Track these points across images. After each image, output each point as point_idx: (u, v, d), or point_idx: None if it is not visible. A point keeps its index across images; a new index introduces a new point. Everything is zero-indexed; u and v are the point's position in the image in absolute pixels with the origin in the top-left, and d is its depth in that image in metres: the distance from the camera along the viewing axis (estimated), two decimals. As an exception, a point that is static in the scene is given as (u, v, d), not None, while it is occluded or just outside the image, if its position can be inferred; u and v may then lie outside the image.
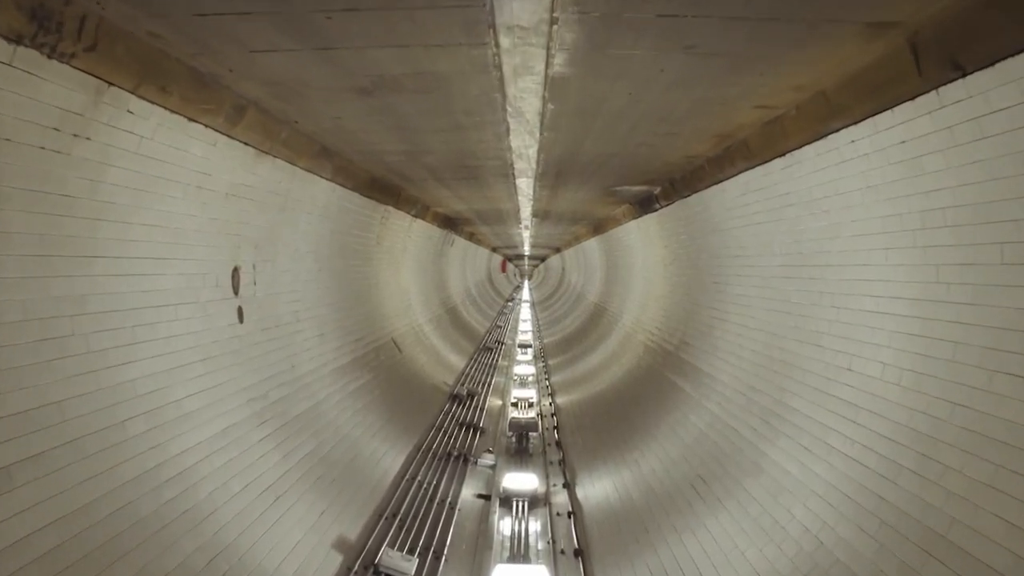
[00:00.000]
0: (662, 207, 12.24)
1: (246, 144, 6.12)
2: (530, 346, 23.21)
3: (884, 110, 4.59)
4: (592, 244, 24.11)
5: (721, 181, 8.55)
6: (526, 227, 23.86)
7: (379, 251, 12.77)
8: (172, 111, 4.84)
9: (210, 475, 5.18)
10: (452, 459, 9.75)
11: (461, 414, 12.45)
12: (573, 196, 13.77)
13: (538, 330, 29.17)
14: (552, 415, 13.32)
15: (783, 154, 6.58)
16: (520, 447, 10.93)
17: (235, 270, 6.53)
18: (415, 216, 14.95)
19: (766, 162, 7.01)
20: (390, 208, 12.51)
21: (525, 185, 12.00)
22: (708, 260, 10.04)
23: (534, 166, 9.83)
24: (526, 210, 17.07)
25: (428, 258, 19.00)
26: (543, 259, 54.72)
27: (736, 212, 8.44)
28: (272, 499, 5.81)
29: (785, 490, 5.58)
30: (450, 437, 10.87)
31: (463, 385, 14.41)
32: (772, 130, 6.57)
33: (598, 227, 20.95)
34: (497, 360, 19.38)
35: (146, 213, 4.90)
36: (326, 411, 7.98)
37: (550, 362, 19.91)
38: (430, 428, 11.05)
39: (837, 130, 5.38)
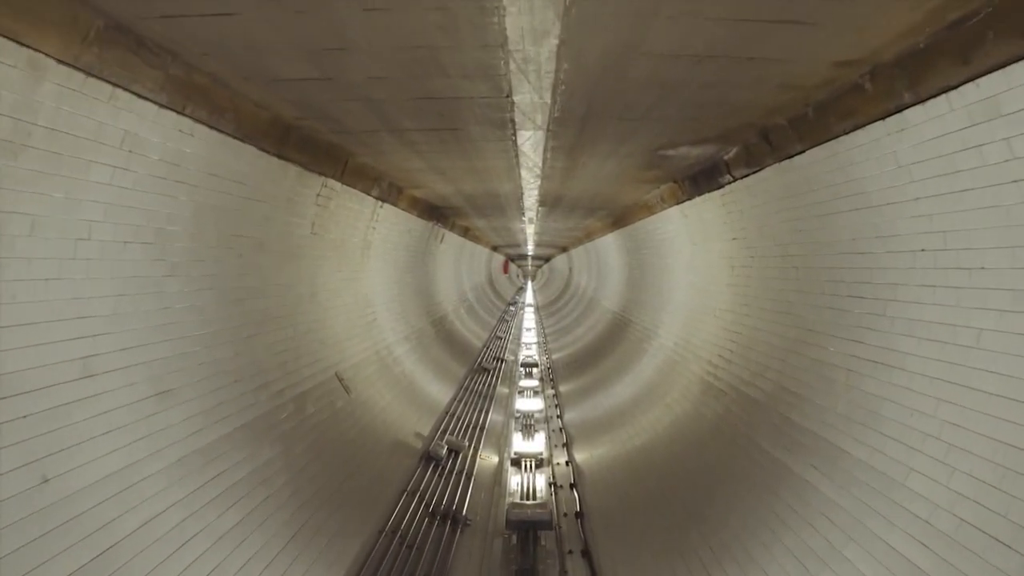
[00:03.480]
0: (735, 179, 8.22)
1: None
2: (535, 365, 19.16)
3: None
4: (608, 241, 20.12)
5: (899, 110, 4.54)
6: (530, 220, 19.87)
7: (318, 245, 8.77)
8: None
9: None
10: (407, 603, 5.72)
11: (435, 490, 8.39)
12: (598, 170, 9.75)
13: (544, 341, 25.11)
14: (571, 486, 9.28)
15: None
16: (525, 562, 6.85)
17: None
18: (380, 199, 10.96)
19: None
20: (331, 182, 8.51)
21: (531, 145, 7.99)
22: (837, 259, 6.02)
23: (548, 100, 5.82)
24: (531, 194, 13.05)
25: (407, 257, 15.00)
26: (548, 259, 51.01)
27: (931, 167, 4.41)
28: None
29: None
30: (411, 546, 6.78)
31: (444, 435, 10.35)
32: None
33: (620, 219, 16.96)
34: (495, 387, 15.35)
35: None
36: (127, 567, 3.95)
37: (561, 389, 15.85)
38: (378, 533, 6.95)
39: None
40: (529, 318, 34.77)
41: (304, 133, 6.89)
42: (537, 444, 11.11)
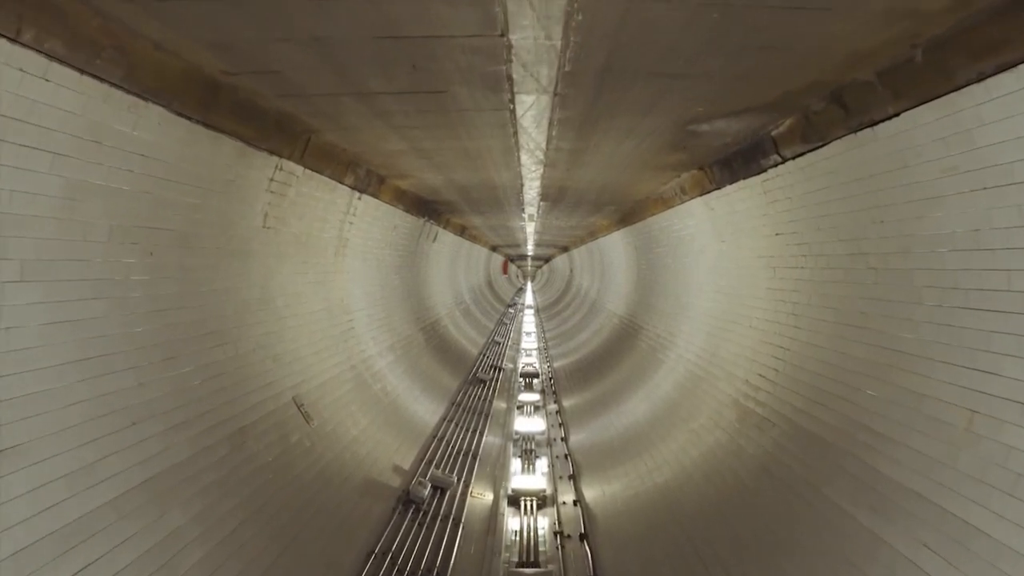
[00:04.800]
0: (784, 160, 6.69)
1: None
2: (536, 375, 17.61)
3: None
4: (615, 240, 18.61)
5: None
6: (531, 218, 18.34)
7: (273, 241, 7.23)
8: None
9: None
10: None
11: (413, 545, 6.82)
12: (612, 153, 8.21)
13: (545, 347, 23.56)
14: (581, 536, 7.73)
15: None
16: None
17: None
18: (356, 189, 9.42)
19: None
20: (290, 165, 6.97)
21: (533, 117, 6.44)
22: (944, 259, 4.48)
23: (557, 40, 4.27)
24: (532, 186, 11.51)
25: (394, 256, 13.46)
26: (548, 260, 49.61)
27: None
28: None
29: None
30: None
31: (429, 467, 8.78)
32: None
33: (628, 215, 15.46)
34: (491, 401, 13.80)
35: None
36: None
37: (565, 403, 14.30)
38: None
39: None
40: (529, 320, 33.25)
41: (241, 96, 5.34)
42: (539, 477, 9.57)
